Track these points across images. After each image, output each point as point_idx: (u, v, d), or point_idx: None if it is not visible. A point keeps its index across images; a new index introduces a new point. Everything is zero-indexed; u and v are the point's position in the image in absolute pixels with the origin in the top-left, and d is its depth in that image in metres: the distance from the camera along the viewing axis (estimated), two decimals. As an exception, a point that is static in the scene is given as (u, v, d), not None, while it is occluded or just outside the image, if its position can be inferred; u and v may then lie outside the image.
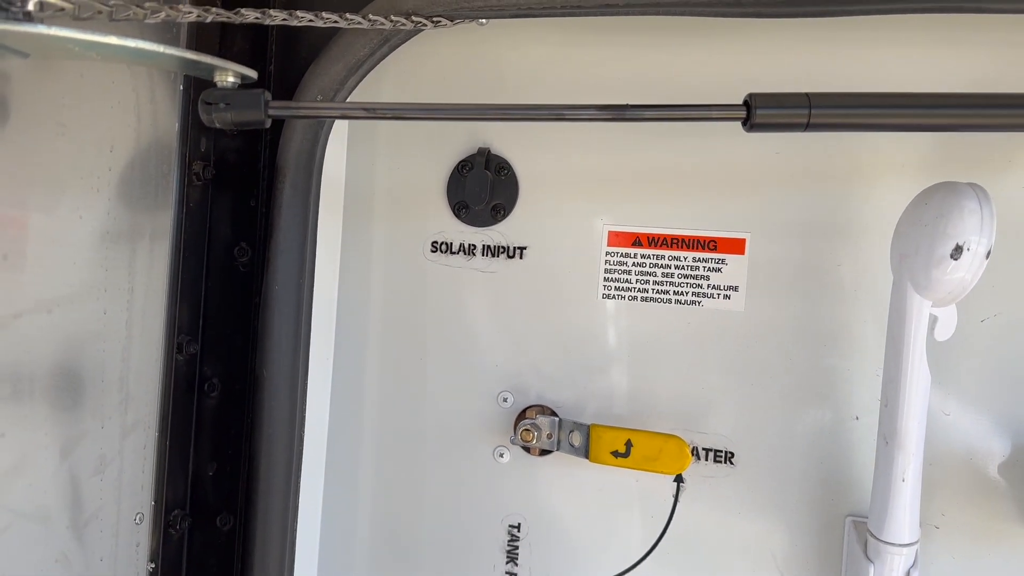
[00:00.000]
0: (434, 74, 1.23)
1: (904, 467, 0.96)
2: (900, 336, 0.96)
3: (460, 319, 1.25)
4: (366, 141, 1.26)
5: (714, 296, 1.16)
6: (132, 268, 0.97)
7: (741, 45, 1.12)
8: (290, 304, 1.13)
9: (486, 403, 1.25)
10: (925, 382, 0.95)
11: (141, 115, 0.96)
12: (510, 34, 1.19)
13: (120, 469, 0.98)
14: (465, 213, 1.23)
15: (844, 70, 1.09)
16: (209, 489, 1.17)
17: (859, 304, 1.11)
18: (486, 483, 1.25)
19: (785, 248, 1.13)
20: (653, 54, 1.15)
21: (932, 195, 0.93)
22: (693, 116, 0.88)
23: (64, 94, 0.85)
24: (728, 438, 1.16)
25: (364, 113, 0.87)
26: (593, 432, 1.13)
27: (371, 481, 1.30)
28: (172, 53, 0.78)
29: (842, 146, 1.10)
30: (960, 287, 0.90)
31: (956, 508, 1.08)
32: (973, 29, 1.04)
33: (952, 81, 1.06)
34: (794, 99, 0.84)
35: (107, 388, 0.94)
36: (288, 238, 1.12)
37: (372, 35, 1.05)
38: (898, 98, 0.86)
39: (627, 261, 1.19)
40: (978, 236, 0.88)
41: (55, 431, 0.87)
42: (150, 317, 1.02)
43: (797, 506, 1.14)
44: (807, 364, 1.13)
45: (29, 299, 0.82)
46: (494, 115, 0.94)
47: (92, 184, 0.90)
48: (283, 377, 1.13)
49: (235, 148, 1.15)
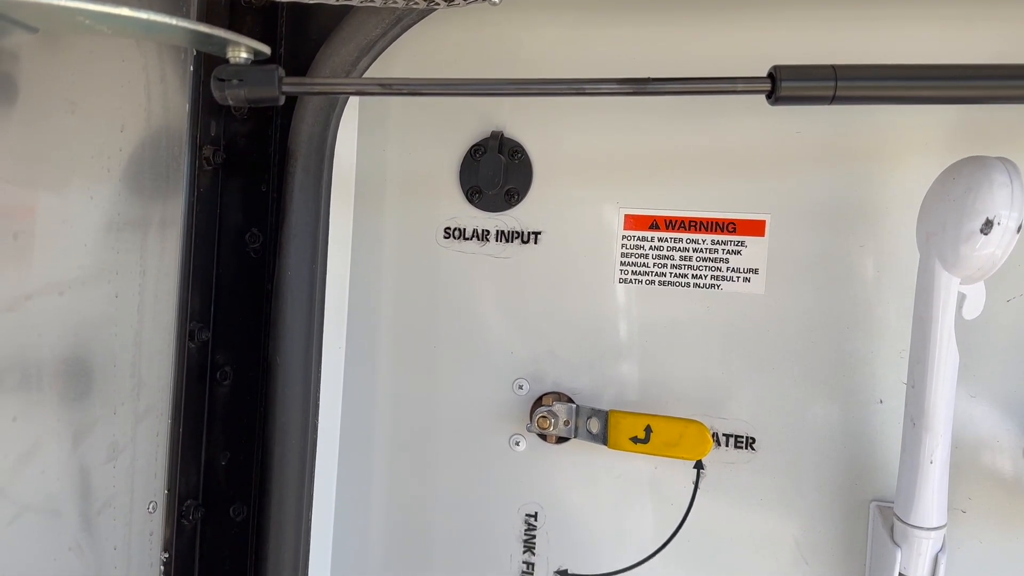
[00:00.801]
0: (447, 55, 1.21)
1: (932, 449, 0.94)
2: (928, 315, 0.93)
3: (474, 306, 1.24)
4: (377, 125, 1.24)
5: (734, 279, 1.14)
6: (144, 251, 0.95)
7: (760, 22, 1.10)
8: (303, 290, 1.11)
9: (501, 391, 1.23)
10: (953, 362, 0.93)
11: (151, 95, 0.95)
12: (524, 14, 1.17)
13: (133, 457, 0.96)
14: (478, 198, 1.22)
15: (867, 45, 1.07)
16: (222, 479, 1.15)
17: (882, 285, 1.09)
18: (502, 472, 1.23)
19: (806, 229, 1.11)
20: (670, 32, 1.13)
21: (960, 170, 0.91)
22: (717, 89, 0.86)
23: (74, 71, 0.84)
24: (749, 423, 1.14)
25: (379, 89, 0.85)
26: (612, 418, 1.11)
27: (385, 470, 1.28)
28: (185, 26, 0.76)
29: (863, 125, 1.08)
30: (990, 263, 0.88)
31: (983, 492, 1.06)
32: (998, 3, 1.02)
33: (976, 55, 1.04)
34: (820, 71, 0.82)
35: (119, 374, 0.93)
36: (300, 223, 1.10)
37: (384, 15, 1.03)
38: (925, 70, 0.85)
39: (644, 245, 1.17)
40: (1008, 210, 0.86)
41: (67, 417, 0.86)
42: (162, 302, 1.00)
43: (820, 492, 1.12)
44: (829, 347, 1.11)
45: (40, 280, 0.80)
46: (512, 91, 0.92)
47: (103, 164, 0.88)
48: (296, 365, 1.11)
49: (245, 132, 1.14)
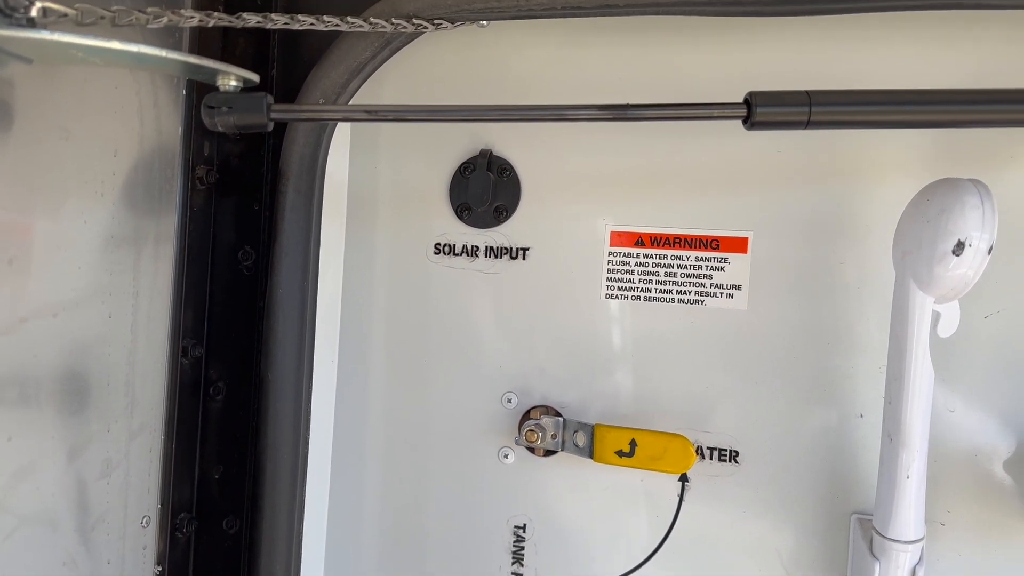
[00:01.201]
0: (435, 76, 1.23)
1: (908, 464, 0.96)
2: (903, 333, 0.96)
3: (464, 321, 1.26)
4: (368, 144, 1.26)
5: (717, 295, 1.16)
6: (137, 272, 0.98)
7: (742, 44, 1.12)
8: (294, 307, 1.13)
9: (490, 404, 1.25)
10: (928, 379, 0.95)
11: (144, 119, 0.97)
12: (511, 35, 1.19)
13: (126, 472, 0.98)
14: (468, 215, 1.24)
15: (845, 67, 1.09)
16: (215, 492, 1.17)
17: (862, 301, 1.11)
18: (491, 484, 1.25)
19: (788, 246, 1.13)
20: (654, 53, 1.15)
21: (934, 191, 0.93)
22: (694, 115, 0.88)
23: (68, 99, 0.86)
24: (732, 437, 1.16)
25: (366, 115, 0.87)
26: (597, 432, 1.13)
27: (376, 483, 1.30)
28: (174, 58, 0.78)
29: (843, 144, 1.10)
30: (963, 283, 0.90)
31: (962, 505, 1.08)
32: (973, 25, 1.04)
33: (952, 77, 1.06)
34: (794, 97, 0.84)
35: (113, 392, 0.95)
36: (292, 242, 1.12)
37: (373, 38, 1.06)
38: (898, 95, 0.87)
39: (630, 261, 1.19)
40: (980, 232, 0.88)
41: (61, 435, 0.88)
42: (155, 321, 1.02)
43: (802, 504, 1.14)
44: (811, 362, 1.13)
45: (35, 303, 0.83)
46: (496, 116, 0.95)
47: (96, 189, 0.90)
48: (288, 380, 1.13)
49: (238, 152, 1.16)
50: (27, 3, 0.76)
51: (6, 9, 0.75)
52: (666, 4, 0.99)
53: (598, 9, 1.01)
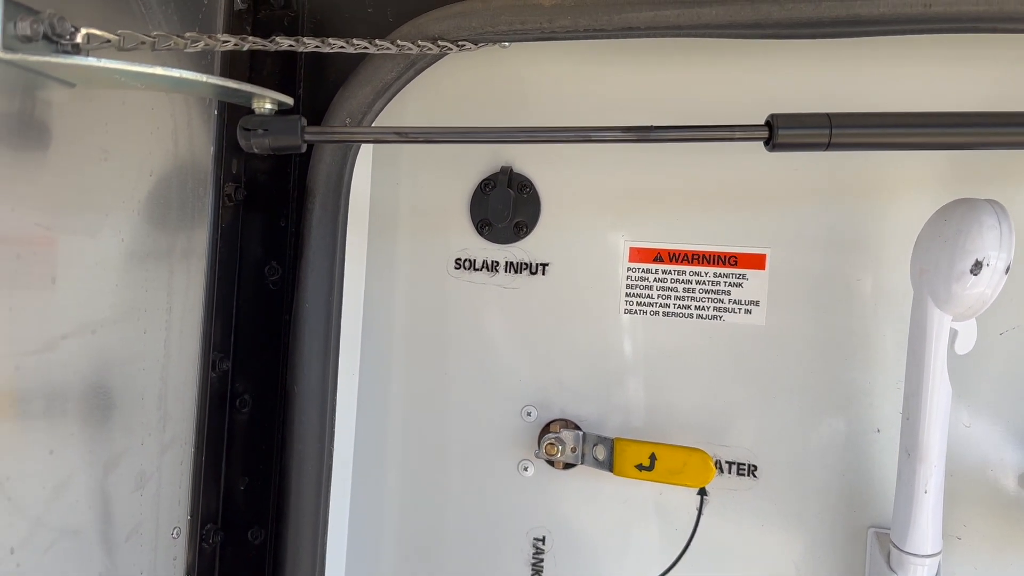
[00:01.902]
0: (458, 94, 1.25)
1: (926, 479, 0.98)
2: (921, 350, 0.97)
3: (484, 335, 1.28)
4: (390, 161, 1.29)
5: (735, 311, 1.18)
6: (170, 288, 1.00)
7: (761, 65, 1.14)
8: (320, 321, 1.15)
9: (510, 417, 1.27)
10: (946, 395, 0.97)
11: (179, 140, 0.99)
12: (532, 54, 1.22)
13: (159, 485, 1.00)
14: (488, 230, 1.26)
15: (862, 88, 1.11)
16: (241, 503, 1.19)
17: (879, 318, 1.12)
18: (511, 496, 1.27)
19: (805, 262, 1.15)
20: (674, 73, 1.18)
21: (952, 211, 0.95)
22: (717, 136, 0.90)
23: (107, 121, 0.88)
24: (750, 451, 1.17)
25: (397, 137, 0.89)
26: (617, 446, 1.15)
27: (397, 495, 1.32)
28: (214, 82, 0.81)
29: (861, 162, 1.12)
30: (980, 302, 0.92)
31: (978, 519, 1.10)
32: (989, 46, 1.06)
33: (970, 97, 1.08)
34: (815, 119, 0.86)
35: (146, 406, 0.97)
36: (318, 257, 1.14)
37: (399, 59, 1.08)
38: (916, 117, 0.89)
39: (648, 277, 1.21)
40: (997, 251, 0.89)
41: (98, 449, 0.90)
42: (187, 336, 1.04)
43: (819, 518, 1.15)
44: (828, 377, 1.15)
45: (75, 321, 0.85)
46: (523, 138, 0.97)
47: (133, 208, 0.93)
48: (313, 393, 1.15)
49: (265, 170, 1.18)
50: (72, 30, 0.79)
51: (52, 36, 0.78)
52: (687, 27, 1.01)
53: (619, 31, 1.03)
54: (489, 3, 1.05)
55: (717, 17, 1.00)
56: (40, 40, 0.76)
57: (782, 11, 0.98)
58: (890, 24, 0.97)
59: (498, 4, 1.05)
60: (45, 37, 0.77)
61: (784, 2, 0.98)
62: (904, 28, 0.98)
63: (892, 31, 0.98)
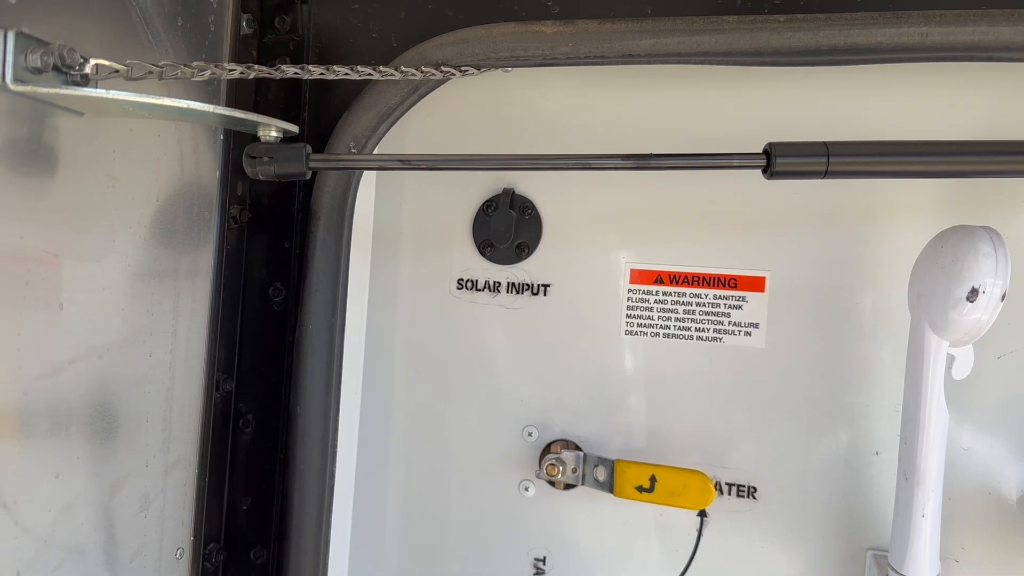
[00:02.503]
0: (461, 118, 1.27)
1: (924, 503, 0.99)
2: (918, 375, 0.98)
3: (486, 355, 1.29)
4: (394, 182, 1.30)
5: (735, 333, 1.19)
6: (176, 311, 1.01)
7: (760, 91, 1.15)
8: (322, 342, 1.16)
9: (512, 437, 1.27)
10: (943, 420, 0.98)
11: (185, 164, 1.01)
12: (534, 79, 1.23)
13: (163, 506, 1.01)
14: (490, 251, 1.27)
15: (861, 114, 1.12)
16: (243, 523, 1.20)
17: (878, 341, 1.13)
18: (512, 516, 1.28)
19: (805, 285, 1.16)
20: (673, 97, 1.19)
21: (948, 238, 0.96)
22: (715, 164, 0.91)
23: (114, 148, 0.90)
24: (750, 473, 1.18)
25: (400, 164, 0.91)
26: (618, 467, 1.16)
27: (399, 515, 1.32)
28: (220, 112, 0.82)
29: (859, 187, 1.13)
30: (976, 328, 0.93)
31: (976, 542, 1.10)
32: (986, 75, 1.07)
33: (967, 124, 1.09)
34: (812, 148, 0.87)
35: (151, 428, 0.98)
36: (321, 279, 1.15)
37: (403, 84, 1.09)
38: (912, 146, 0.90)
39: (649, 298, 1.22)
40: (993, 279, 0.90)
41: (103, 471, 0.91)
42: (191, 357, 1.05)
43: (819, 540, 1.16)
44: (827, 400, 1.15)
45: (82, 345, 0.86)
46: (524, 165, 0.98)
47: (139, 233, 0.94)
48: (316, 414, 1.16)
49: (270, 192, 1.20)
50: (81, 60, 0.80)
51: (62, 67, 0.79)
52: (687, 55, 1.03)
53: (620, 58, 1.05)
54: (491, 30, 1.07)
55: (717, 45, 1.01)
56: (50, 71, 0.77)
57: (780, 39, 0.99)
58: (887, 53, 0.98)
59: (500, 31, 1.06)
60: (55, 68, 0.78)
61: (782, 31, 0.99)
62: (901, 56, 0.99)
63: (889, 59, 1.00)
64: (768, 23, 1.00)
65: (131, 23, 0.91)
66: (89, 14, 0.85)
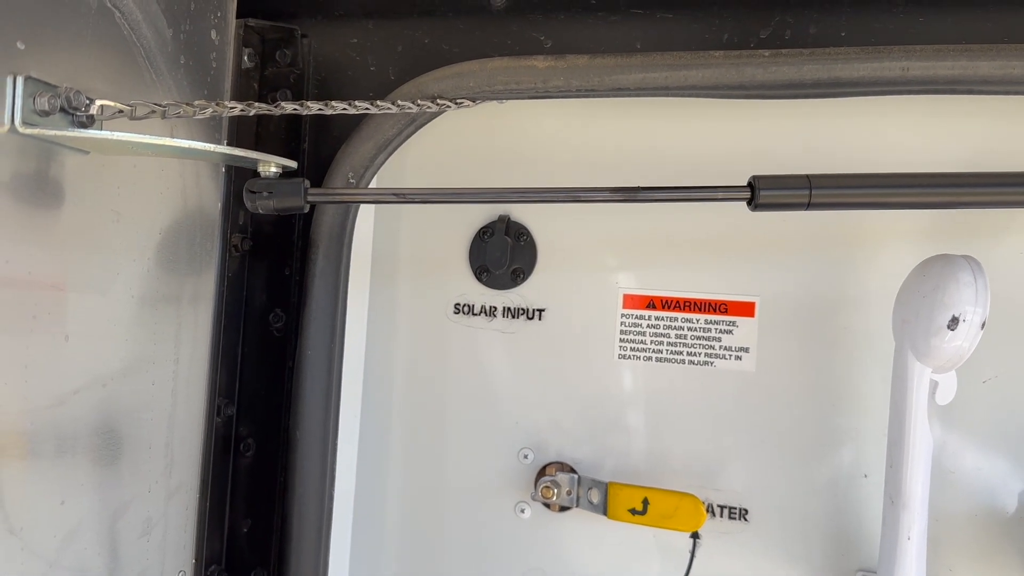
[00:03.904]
0: (456, 148, 1.30)
1: (909, 526, 1.00)
2: (903, 401, 1.00)
3: (482, 378, 1.31)
4: (391, 210, 1.33)
5: (726, 357, 1.21)
6: (178, 339, 1.04)
7: (746, 123, 1.18)
8: (322, 368, 1.19)
9: (508, 460, 1.30)
10: (928, 445, 1.00)
11: (187, 196, 1.04)
12: (527, 110, 1.26)
13: (165, 530, 1.03)
14: (486, 277, 1.30)
15: (843, 145, 1.15)
16: (244, 545, 1.22)
17: (865, 365, 1.15)
18: (508, 538, 1.30)
19: (793, 310, 1.18)
20: (663, 127, 1.22)
21: (930, 267, 0.98)
22: (701, 197, 0.94)
23: (119, 184, 0.93)
24: (742, 495, 1.20)
25: (395, 198, 0.93)
26: (611, 490, 1.18)
27: (397, 537, 1.35)
28: (221, 151, 0.85)
29: (847, 215, 1.16)
30: (958, 355, 0.95)
31: (963, 563, 1.12)
32: (968, 106, 1.10)
33: (950, 154, 1.12)
34: (795, 181, 0.90)
35: (153, 454, 1.01)
36: (321, 306, 1.18)
37: (400, 117, 1.12)
38: (893, 179, 0.92)
39: (642, 323, 1.25)
40: (973, 307, 0.93)
41: (107, 497, 0.93)
42: (193, 384, 1.08)
43: (808, 561, 1.17)
44: (817, 422, 1.17)
45: (87, 376, 0.89)
46: (515, 198, 1.01)
47: (143, 265, 0.97)
48: (315, 438, 1.18)
49: (271, 221, 1.23)
50: (87, 102, 0.83)
51: (69, 108, 0.82)
52: (674, 88, 1.06)
53: (610, 92, 1.08)
54: (486, 64, 1.10)
55: (703, 79, 1.04)
56: (57, 113, 0.80)
57: (766, 73, 1.02)
58: (869, 86, 1.01)
59: (494, 65, 1.09)
60: (62, 110, 0.81)
61: (767, 65, 1.02)
62: (884, 90, 1.01)
63: (872, 92, 1.02)
64: (753, 58, 1.03)
65: (135, 62, 0.94)
66: (94, 54, 0.88)
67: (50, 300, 0.84)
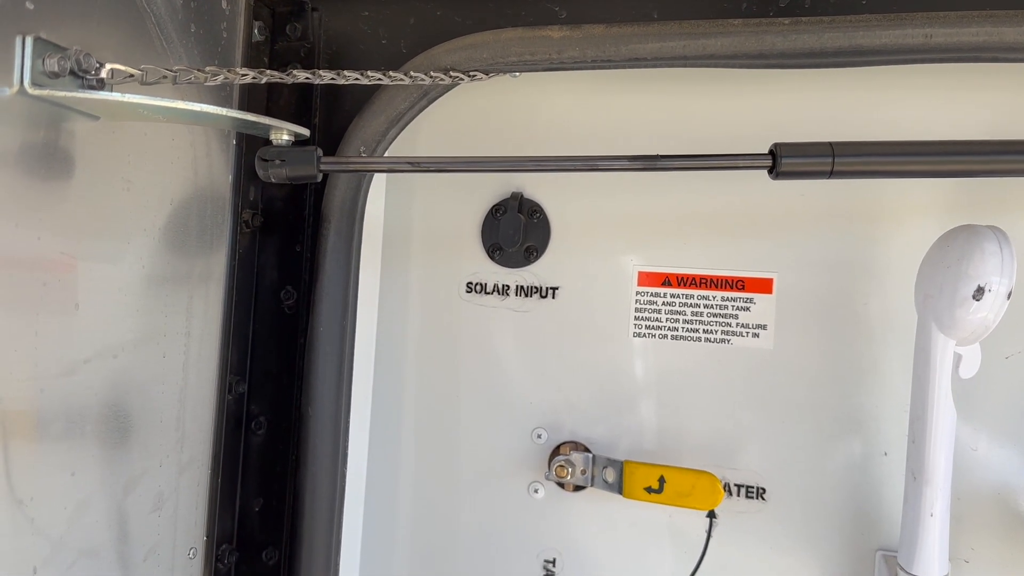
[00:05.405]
0: (469, 123, 1.28)
1: (932, 502, 0.99)
2: (925, 374, 0.98)
3: (495, 357, 1.30)
4: (403, 187, 1.31)
5: (743, 334, 1.19)
6: (189, 314, 1.03)
7: (766, 93, 1.16)
8: (334, 345, 1.17)
9: (521, 439, 1.28)
10: (951, 419, 0.98)
11: (198, 168, 1.02)
12: (542, 83, 1.24)
13: (176, 506, 1.02)
14: (499, 255, 1.28)
15: (866, 115, 1.13)
16: (256, 524, 1.21)
17: (886, 341, 1.14)
18: (522, 518, 1.28)
19: (812, 287, 1.16)
20: (680, 100, 1.20)
21: (954, 237, 0.96)
22: (721, 165, 0.92)
23: (129, 152, 0.91)
24: (759, 474, 1.18)
25: (409, 167, 0.92)
26: (627, 468, 1.16)
27: (409, 516, 1.33)
28: (233, 115, 0.84)
29: (866, 188, 1.14)
30: (983, 327, 0.93)
31: (985, 542, 1.10)
32: (991, 75, 1.08)
33: (972, 125, 1.10)
34: (818, 148, 0.88)
35: (165, 428, 1.00)
36: (332, 282, 1.17)
37: (412, 90, 1.11)
38: (917, 146, 0.90)
39: (657, 300, 1.23)
40: (999, 277, 0.91)
41: (118, 470, 0.92)
42: (204, 359, 1.07)
43: (828, 540, 1.16)
44: (836, 400, 1.16)
45: (97, 345, 0.88)
46: (531, 167, 0.99)
47: (154, 236, 0.96)
48: (327, 415, 1.17)
49: (281, 196, 1.21)
50: (97, 65, 0.82)
51: (78, 71, 0.81)
52: (692, 58, 1.04)
53: (626, 62, 1.06)
54: (499, 35, 1.08)
55: (722, 48, 1.02)
56: (67, 75, 0.79)
57: (785, 42, 1.00)
58: (892, 54, 0.99)
59: (508, 36, 1.08)
60: (71, 73, 0.80)
61: (787, 33, 1.00)
62: (906, 58, 0.99)
63: (894, 61, 1.00)
64: (773, 26, 1.00)
65: (145, 30, 0.93)
66: (105, 20, 0.87)
67: (60, 268, 0.82)
